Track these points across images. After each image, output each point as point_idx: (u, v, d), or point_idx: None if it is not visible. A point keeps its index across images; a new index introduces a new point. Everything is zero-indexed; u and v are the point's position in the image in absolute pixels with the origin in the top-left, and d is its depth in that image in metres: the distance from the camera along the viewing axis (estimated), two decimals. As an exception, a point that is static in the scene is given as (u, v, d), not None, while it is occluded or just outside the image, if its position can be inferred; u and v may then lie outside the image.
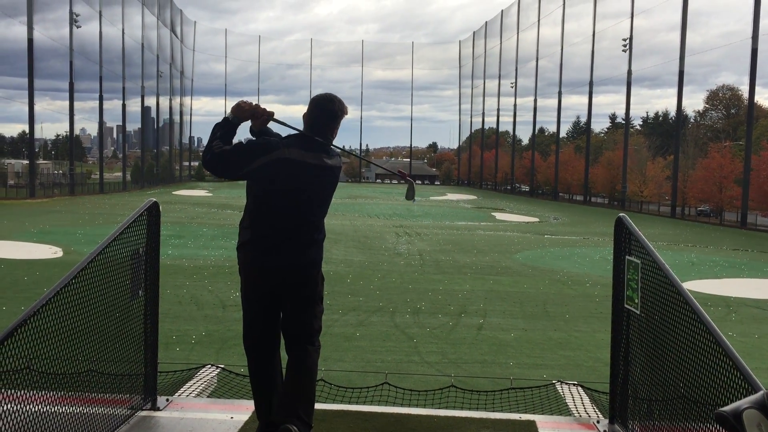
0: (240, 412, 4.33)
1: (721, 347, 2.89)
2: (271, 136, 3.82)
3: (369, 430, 4.09)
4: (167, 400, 4.54)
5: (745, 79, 49.82)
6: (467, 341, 10.42)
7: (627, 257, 4.09)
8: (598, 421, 4.52)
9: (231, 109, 3.69)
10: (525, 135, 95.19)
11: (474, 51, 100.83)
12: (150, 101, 76.29)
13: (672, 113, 70.84)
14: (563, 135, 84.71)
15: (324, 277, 3.88)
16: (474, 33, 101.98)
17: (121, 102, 67.43)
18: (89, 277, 3.47)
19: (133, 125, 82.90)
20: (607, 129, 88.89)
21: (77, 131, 75.54)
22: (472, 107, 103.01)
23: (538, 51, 75.93)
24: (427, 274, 17.30)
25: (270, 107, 3.77)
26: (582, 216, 46.94)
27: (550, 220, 42.90)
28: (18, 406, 2.87)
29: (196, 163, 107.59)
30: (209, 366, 6.33)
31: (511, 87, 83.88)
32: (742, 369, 2.73)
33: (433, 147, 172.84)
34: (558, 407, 5.55)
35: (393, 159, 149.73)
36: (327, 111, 3.73)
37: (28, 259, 17.37)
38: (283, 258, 3.61)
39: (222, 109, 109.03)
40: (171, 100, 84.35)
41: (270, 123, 3.82)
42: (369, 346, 9.92)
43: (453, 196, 73.35)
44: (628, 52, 57.57)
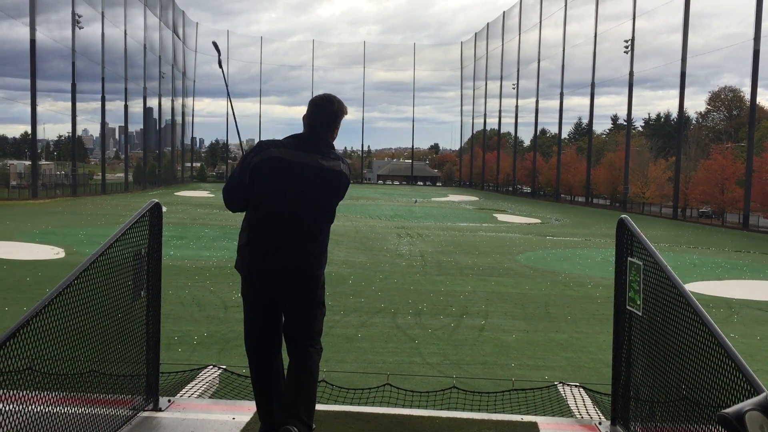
0: (242, 412, 4.33)
1: (724, 349, 2.89)
2: None
3: (370, 431, 4.09)
4: (169, 400, 4.55)
5: (747, 81, 49.86)
6: (469, 342, 10.41)
7: (629, 259, 4.09)
8: (599, 423, 4.52)
9: None
10: (527, 136, 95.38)
11: (476, 52, 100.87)
12: (152, 102, 76.48)
13: (674, 115, 70.93)
14: (565, 136, 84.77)
15: (325, 280, 3.87)
16: (476, 34, 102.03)
17: (124, 103, 67.57)
18: (91, 278, 3.47)
19: (135, 126, 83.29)
20: (609, 130, 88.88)
21: (79, 132, 75.98)
22: (473, 108, 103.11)
23: (539, 52, 75.97)
24: (429, 275, 17.30)
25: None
26: (584, 217, 46.91)
27: (551, 221, 42.88)
28: (20, 406, 2.88)
29: (197, 164, 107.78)
30: (211, 367, 6.33)
31: (513, 88, 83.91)
32: (744, 371, 2.72)
33: (435, 148, 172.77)
34: (560, 408, 5.55)
35: (395, 160, 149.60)
36: (326, 111, 3.72)
37: (30, 260, 17.39)
38: (279, 261, 3.58)
39: (224, 110, 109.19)
40: (173, 101, 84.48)
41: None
42: (371, 347, 9.92)
43: (455, 197, 73.35)
44: (629, 53, 57.56)
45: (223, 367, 6.29)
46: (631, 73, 57.73)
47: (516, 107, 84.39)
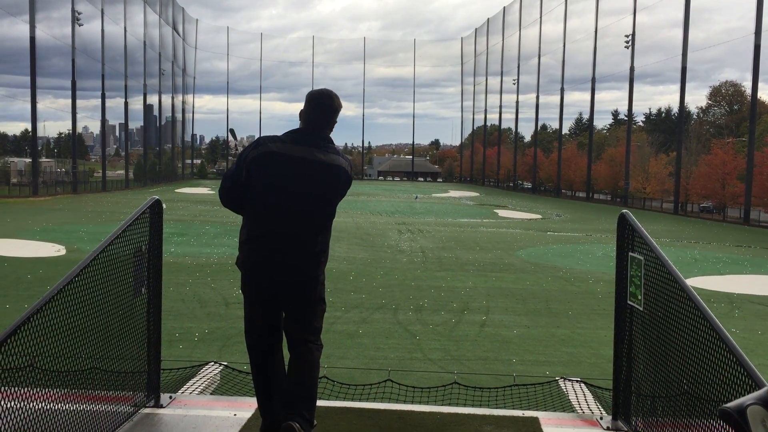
0: (243, 409, 4.33)
1: (725, 343, 2.89)
2: None
3: (372, 426, 4.09)
4: (170, 397, 4.55)
5: (748, 75, 49.71)
6: (470, 338, 10.42)
7: (630, 254, 4.08)
8: (601, 418, 4.52)
9: None
10: (527, 132, 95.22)
11: (476, 48, 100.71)
12: (152, 99, 76.47)
13: (674, 109, 70.92)
14: (566, 132, 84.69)
15: (326, 276, 3.85)
16: (476, 30, 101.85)
17: (124, 100, 67.59)
18: (92, 275, 3.47)
19: (136, 123, 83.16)
20: (610, 126, 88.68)
21: (80, 129, 75.91)
22: (474, 104, 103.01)
23: (540, 48, 75.85)
24: (430, 271, 17.30)
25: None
26: (585, 213, 46.90)
27: (552, 217, 42.87)
28: (22, 403, 2.88)
29: (198, 161, 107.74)
30: (212, 363, 6.34)
31: (514, 84, 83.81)
32: (745, 365, 2.72)
33: (436, 144, 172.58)
34: (561, 404, 5.55)
35: (395, 156, 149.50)
36: (325, 107, 3.70)
37: (31, 258, 17.41)
38: (278, 259, 3.56)
39: (224, 107, 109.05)
40: (173, 98, 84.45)
41: None
42: (372, 343, 9.93)
43: (455, 193, 73.35)
44: (630, 48, 57.47)
45: (225, 364, 6.29)
46: (632, 68, 57.64)
47: (516, 103, 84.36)
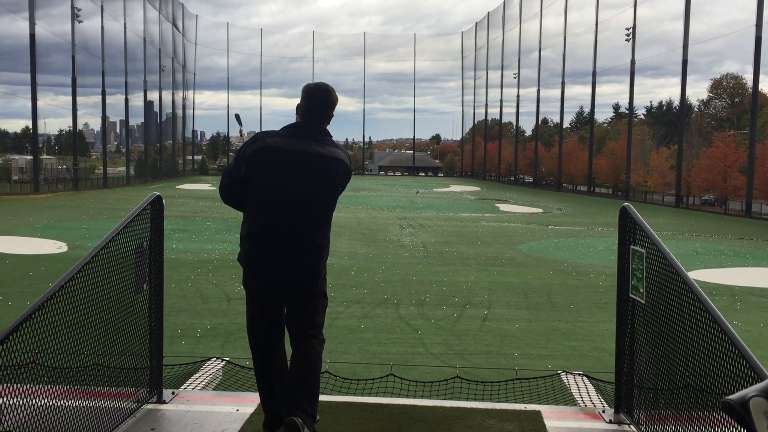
0: (245, 404, 4.34)
1: (727, 336, 2.89)
2: None
3: (374, 421, 4.10)
4: (173, 393, 4.56)
5: (749, 68, 49.50)
6: (472, 332, 10.42)
7: (632, 247, 4.08)
8: (603, 411, 4.52)
9: None
10: (528, 126, 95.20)
11: (476, 42, 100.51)
12: (153, 96, 76.35)
13: (676, 102, 70.80)
14: (566, 125, 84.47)
15: (327, 271, 3.85)
16: (476, 24, 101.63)
17: (124, 96, 67.45)
18: (94, 272, 3.47)
19: (136, 120, 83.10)
20: (611, 119, 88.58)
21: (80, 126, 75.81)
22: (475, 98, 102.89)
23: (540, 41, 75.64)
24: (432, 265, 17.30)
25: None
26: (586, 206, 46.86)
27: (554, 210, 42.85)
28: (24, 400, 2.88)
29: (199, 157, 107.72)
30: (214, 359, 6.35)
31: (514, 78, 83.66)
32: (748, 357, 2.72)
33: (437, 138, 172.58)
34: (563, 397, 5.55)
35: (396, 151, 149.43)
36: (322, 100, 3.71)
37: (33, 254, 17.42)
38: (278, 254, 3.56)
39: (224, 103, 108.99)
40: (173, 94, 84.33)
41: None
42: (374, 338, 9.93)
43: (456, 187, 73.30)
44: (631, 41, 57.32)
45: (227, 359, 6.31)
46: (633, 62, 57.51)
47: (517, 97, 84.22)
